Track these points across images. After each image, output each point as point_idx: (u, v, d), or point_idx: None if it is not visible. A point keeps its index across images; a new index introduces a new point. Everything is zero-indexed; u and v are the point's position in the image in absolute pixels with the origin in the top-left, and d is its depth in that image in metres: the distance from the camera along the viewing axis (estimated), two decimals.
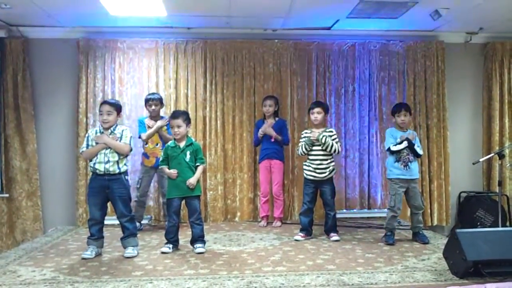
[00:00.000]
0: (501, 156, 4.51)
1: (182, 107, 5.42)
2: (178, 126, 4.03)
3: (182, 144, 4.06)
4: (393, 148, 4.34)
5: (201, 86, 5.58)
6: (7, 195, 5.37)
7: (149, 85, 5.51)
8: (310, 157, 4.51)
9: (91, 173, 3.98)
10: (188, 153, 4.04)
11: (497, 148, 5.60)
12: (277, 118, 5.27)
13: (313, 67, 5.70)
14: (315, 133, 4.49)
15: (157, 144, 4.91)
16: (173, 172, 4.01)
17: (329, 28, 5.64)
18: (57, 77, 5.54)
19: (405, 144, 4.29)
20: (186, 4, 4.71)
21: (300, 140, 4.68)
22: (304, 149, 4.53)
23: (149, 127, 4.91)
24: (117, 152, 3.87)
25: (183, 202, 4.12)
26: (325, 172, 4.48)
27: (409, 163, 4.31)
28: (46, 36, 5.49)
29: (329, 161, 4.50)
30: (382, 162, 5.72)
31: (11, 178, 5.41)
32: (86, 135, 4.04)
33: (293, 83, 5.68)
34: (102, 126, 3.94)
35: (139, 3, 4.63)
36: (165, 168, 4.08)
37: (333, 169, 4.54)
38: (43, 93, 5.53)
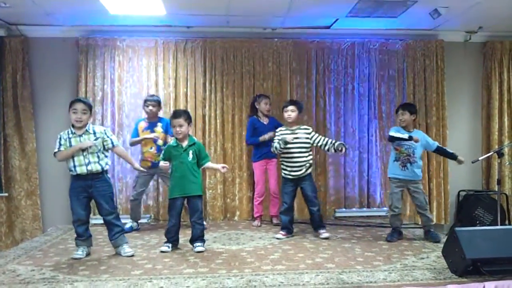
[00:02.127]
0: (500, 154, 4.52)
1: (181, 106, 5.42)
2: (180, 126, 4.02)
3: (185, 144, 4.05)
4: (394, 134, 4.31)
5: (201, 85, 5.58)
6: (6, 194, 5.37)
7: (148, 84, 5.52)
8: (286, 156, 4.51)
9: (71, 175, 3.89)
10: (190, 152, 4.03)
11: (496, 146, 5.61)
12: (269, 117, 5.26)
13: (313, 66, 5.71)
14: (290, 136, 4.48)
15: (151, 148, 4.88)
16: (163, 163, 4.05)
17: (328, 27, 5.64)
18: (56, 76, 5.53)
19: (406, 136, 4.27)
20: (185, 2, 4.71)
21: (276, 137, 4.64)
22: (278, 148, 4.50)
23: (142, 130, 4.92)
24: (96, 153, 3.83)
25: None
26: (302, 169, 4.48)
27: (408, 164, 4.32)
28: (45, 35, 5.48)
29: (305, 157, 4.49)
30: (381, 161, 5.73)
31: (10, 177, 5.41)
32: (58, 136, 3.89)
33: (293, 82, 5.68)
34: (75, 125, 3.83)
35: (139, 1, 4.63)
36: (161, 162, 4.10)
37: (310, 166, 4.54)
38: (43, 92, 5.53)
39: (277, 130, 4.72)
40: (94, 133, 3.87)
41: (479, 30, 5.73)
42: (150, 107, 4.91)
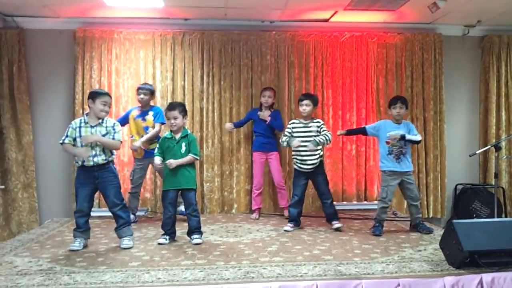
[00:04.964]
0: (497, 148, 4.51)
1: (179, 99, 5.41)
2: (175, 118, 4.01)
3: (178, 136, 4.05)
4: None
5: (198, 78, 5.56)
6: (2, 186, 5.35)
7: (145, 77, 5.49)
8: (298, 149, 4.51)
9: (77, 166, 3.91)
10: (183, 144, 4.02)
11: (494, 140, 5.61)
12: (272, 109, 5.28)
13: (311, 59, 5.69)
14: (296, 141, 4.47)
15: (142, 136, 4.87)
16: (158, 161, 4.02)
17: (327, 20, 5.62)
18: (53, 68, 5.51)
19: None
20: None
21: (286, 129, 4.65)
22: (285, 144, 4.58)
23: (134, 118, 4.92)
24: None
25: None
26: (313, 162, 4.49)
27: (401, 156, 4.33)
28: (42, 26, 5.45)
29: (316, 150, 4.50)
30: (379, 154, 5.71)
31: (6, 169, 5.39)
32: (70, 125, 3.91)
33: (291, 75, 5.67)
34: (98, 116, 3.83)
35: None
36: (156, 158, 4.06)
37: (321, 158, 4.56)
38: (39, 84, 5.50)
39: (289, 123, 4.71)
40: (106, 127, 3.87)
41: (477, 24, 5.72)
42: (142, 95, 4.89)
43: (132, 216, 4.93)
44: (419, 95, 5.73)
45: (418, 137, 4.40)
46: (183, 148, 4.01)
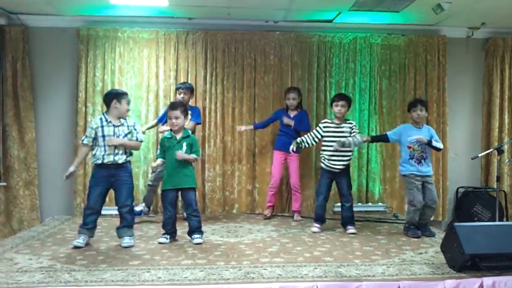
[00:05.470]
0: (500, 151, 4.51)
1: None
2: (176, 117, 4.01)
3: (179, 136, 4.04)
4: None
5: (201, 77, 5.56)
6: (4, 183, 5.35)
7: (149, 76, 5.49)
8: (329, 148, 4.48)
9: (94, 164, 3.93)
10: (184, 144, 4.01)
11: (496, 144, 5.59)
12: (299, 110, 5.21)
13: (314, 59, 5.68)
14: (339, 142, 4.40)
15: None
16: (161, 161, 4.09)
17: (331, 21, 5.61)
18: (56, 66, 5.51)
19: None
20: None
21: (317, 128, 4.59)
22: (308, 143, 4.56)
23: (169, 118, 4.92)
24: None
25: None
26: (342, 163, 4.46)
27: (423, 160, 4.34)
28: (46, 24, 5.46)
29: (346, 152, 4.48)
30: (381, 156, 5.72)
31: (8, 167, 5.39)
32: (90, 125, 3.97)
33: (294, 76, 5.66)
34: (122, 116, 3.94)
35: None
36: (158, 160, 4.12)
37: (349, 160, 4.56)
38: (43, 81, 5.50)
39: (322, 122, 4.66)
40: (128, 126, 3.96)
41: (481, 26, 5.70)
42: (182, 95, 4.87)
43: (146, 209, 4.95)
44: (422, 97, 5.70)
45: (441, 145, 4.45)
46: (184, 148, 4.01)
